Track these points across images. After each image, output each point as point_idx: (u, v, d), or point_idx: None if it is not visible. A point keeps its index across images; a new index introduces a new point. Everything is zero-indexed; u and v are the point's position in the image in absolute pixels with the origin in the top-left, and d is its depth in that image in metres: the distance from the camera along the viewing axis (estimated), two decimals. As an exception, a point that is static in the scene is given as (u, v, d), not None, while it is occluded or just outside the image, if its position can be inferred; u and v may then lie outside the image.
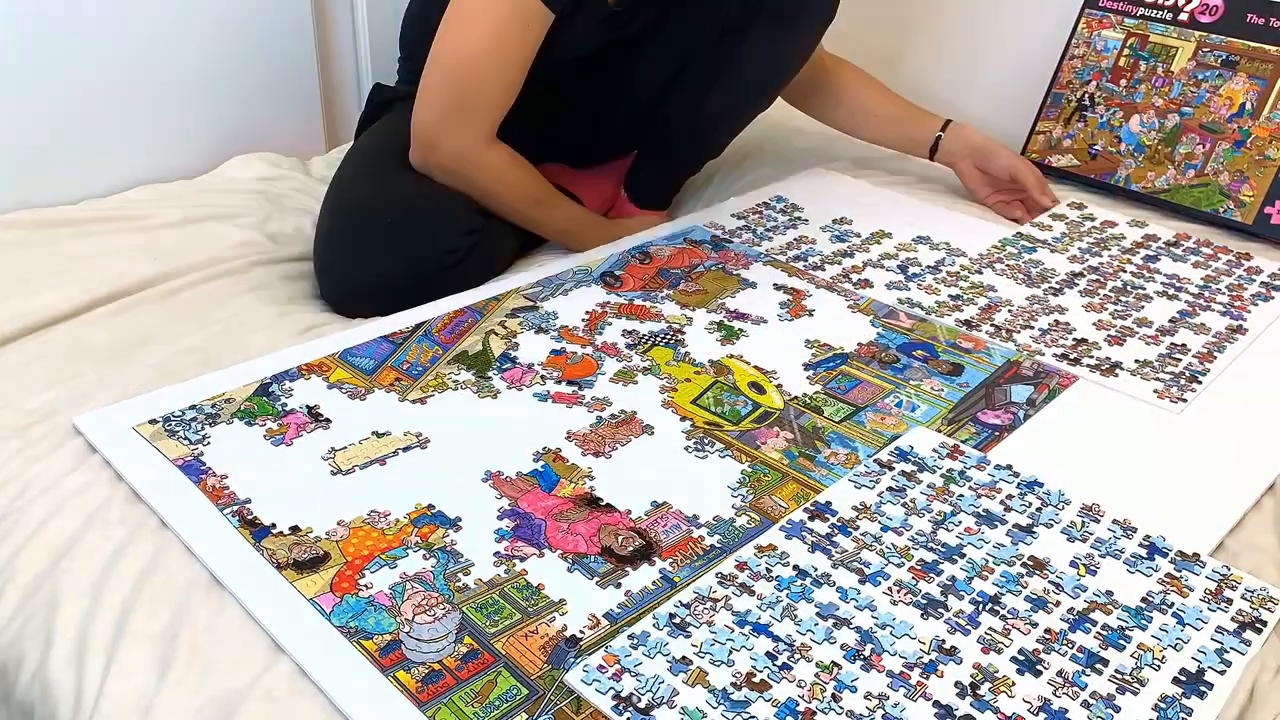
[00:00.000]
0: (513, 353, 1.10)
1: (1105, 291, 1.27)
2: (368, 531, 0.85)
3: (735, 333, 1.15)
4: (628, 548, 0.85)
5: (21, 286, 1.16)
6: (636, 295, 1.22)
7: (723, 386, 1.06)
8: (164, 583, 0.80)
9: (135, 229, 1.33)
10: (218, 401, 0.99)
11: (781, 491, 0.92)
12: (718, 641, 0.75)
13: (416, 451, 0.95)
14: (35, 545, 0.83)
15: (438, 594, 0.79)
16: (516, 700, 0.71)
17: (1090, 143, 1.58)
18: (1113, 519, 0.89)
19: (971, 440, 0.99)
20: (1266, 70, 1.46)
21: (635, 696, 0.71)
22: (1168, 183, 1.51)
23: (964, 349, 1.14)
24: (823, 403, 1.04)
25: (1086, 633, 0.78)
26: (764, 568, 0.82)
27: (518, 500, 0.89)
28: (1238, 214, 1.45)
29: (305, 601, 0.78)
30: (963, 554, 0.85)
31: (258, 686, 0.72)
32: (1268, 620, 0.80)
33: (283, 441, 0.95)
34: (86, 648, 0.75)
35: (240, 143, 1.57)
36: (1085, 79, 1.60)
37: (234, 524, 0.85)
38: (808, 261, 1.32)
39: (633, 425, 0.99)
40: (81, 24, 1.38)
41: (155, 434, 0.94)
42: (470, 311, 1.17)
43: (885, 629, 0.77)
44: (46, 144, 1.40)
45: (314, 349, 1.09)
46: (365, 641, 0.75)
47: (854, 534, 0.86)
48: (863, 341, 1.15)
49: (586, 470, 0.93)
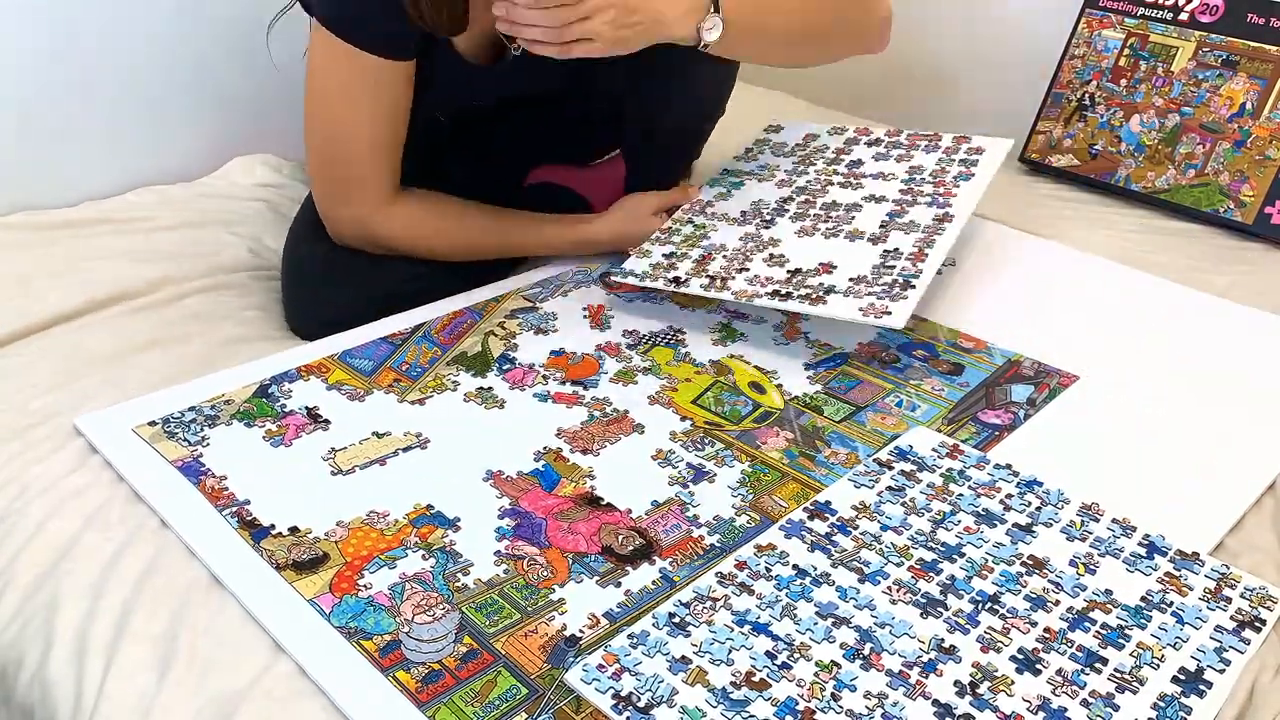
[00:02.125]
0: (512, 354, 1.10)
1: (815, 211, 1.22)
2: (367, 532, 0.85)
3: (734, 333, 1.15)
4: (628, 547, 0.85)
5: (22, 288, 1.16)
6: (636, 295, 1.22)
7: (723, 386, 1.06)
8: (164, 583, 0.80)
9: (135, 231, 1.33)
10: (217, 403, 0.99)
11: (782, 491, 0.92)
12: (717, 641, 0.75)
13: (416, 452, 0.95)
14: (35, 546, 0.83)
15: (437, 594, 0.79)
16: (516, 700, 0.71)
17: (1090, 143, 1.58)
18: (1112, 518, 0.89)
19: (972, 440, 0.99)
20: (1267, 70, 1.46)
21: (635, 696, 0.71)
22: (1168, 183, 1.51)
23: (964, 349, 1.14)
24: (823, 402, 1.04)
25: (1086, 632, 0.78)
26: (763, 567, 0.82)
27: (518, 500, 0.89)
28: (1238, 214, 1.45)
29: (305, 602, 0.78)
30: (962, 553, 0.85)
31: (258, 687, 0.72)
32: (1267, 619, 0.80)
33: (282, 442, 0.95)
34: (86, 648, 0.75)
35: (240, 144, 1.57)
36: (1085, 79, 1.60)
37: (233, 525, 0.85)
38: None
39: (623, 424, 0.99)
40: (81, 24, 1.38)
41: (155, 435, 0.94)
42: (469, 313, 1.17)
43: (885, 628, 0.77)
44: (46, 145, 1.40)
45: (313, 350, 1.09)
46: (365, 642, 0.75)
47: (853, 533, 0.86)
48: (863, 341, 1.15)
49: (587, 470, 0.93)
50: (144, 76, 1.46)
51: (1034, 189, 1.58)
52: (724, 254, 1.14)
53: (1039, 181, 1.61)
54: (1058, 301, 1.25)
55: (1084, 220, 1.47)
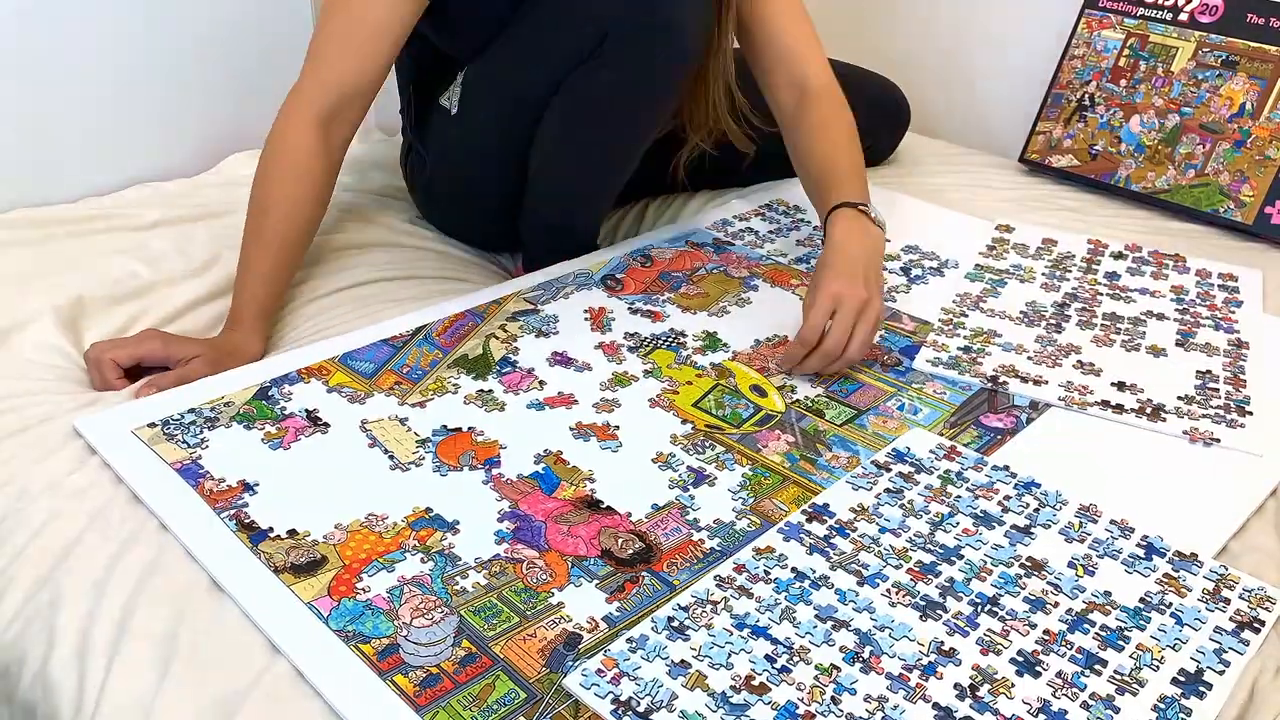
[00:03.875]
0: (513, 356, 1.10)
1: (1100, 321, 1.21)
2: (365, 535, 0.85)
3: (718, 343, 1.15)
4: (627, 550, 0.85)
5: (20, 285, 1.16)
6: (638, 298, 1.22)
7: (724, 390, 1.06)
8: (165, 583, 0.80)
9: (133, 228, 1.33)
10: (217, 405, 0.99)
11: (783, 495, 0.92)
12: (716, 644, 0.75)
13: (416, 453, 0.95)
14: (37, 546, 0.83)
15: (435, 597, 0.79)
16: (515, 704, 0.71)
17: (1090, 143, 1.58)
18: (1110, 519, 0.89)
19: (974, 444, 0.99)
20: (1266, 70, 1.46)
21: (634, 700, 0.71)
22: (1168, 183, 1.51)
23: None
24: (824, 406, 1.04)
25: (1085, 633, 0.78)
26: (762, 570, 0.82)
27: (518, 503, 0.89)
28: (1238, 214, 1.45)
29: (303, 605, 0.78)
30: (961, 555, 0.85)
31: (258, 687, 0.72)
32: (1266, 620, 0.80)
33: (280, 445, 0.95)
34: (88, 648, 0.75)
35: (239, 140, 1.57)
36: (1085, 79, 1.60)
37: (231, 527, 0.85)
38: (810, 264, 1.32)
39: (629, 427, 0.99)
40: (80, 22, 1.38)
41: (154, 438, 0.94)
42: (470, 315, 1.17)
43: (884, 631, 0.77)
44: (45, 143, 1.40)
45: (313, 352, 1.09)
46: (363, 645, 0.75)
47: (852, 536, 0.86)
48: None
49: (587, 473, 0.93)
50: (142, 74, 1.46)
51: (1034, 189, 1.58)
52: (1027, 355, 1.13)
53: (1039, 182, 1.61)
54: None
55: (1084, 220, 1.47)
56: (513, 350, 1.11)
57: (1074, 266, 1.33)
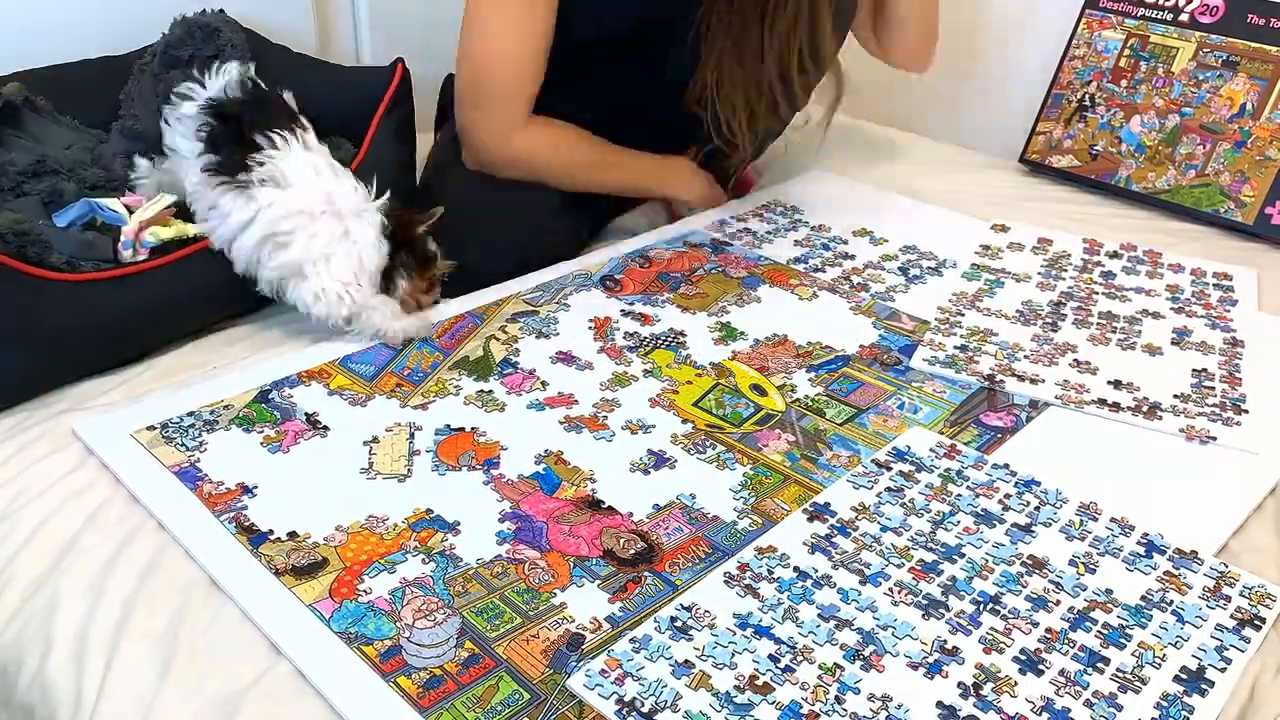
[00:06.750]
0: (514, 358, 1.10)
1: (1096, 320, 1.21)
2: (366, 536, 0.85)
3: (735, 334, 1.15)
4: (629, 550, 0.84)
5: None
6: (636, 299, 1.22)
7: (724, 389, 1.06)
8: (164, 583, 0.80)
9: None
10: (216, 408, 0.99)
11: (783, 494, 0.92)
12: (720, 644, 0.75)
13: (416, 454, 0.95)
14: (35, 546, 0.83)
15: (437, 599, 0.79)
16: (519, 705, 0.71)
17: (1091, 143, 1.58)
18: (1110, 517, 0.89)
19: (974, 442, 0.99)
20: (1267, 71, 1.46)
21: (638, 701, 0.71)
22: (1168, 183, 1.51)
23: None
24: (824, 405, 1.04)
25: (1087, 631, 0.78)
26: (765, 569, 0.82)
27: (519, 503, 0.89)
28: (1238, 214, 1.45)
29: (304, 607, 0.78)
30: (962, 554, 0.85)
31: (258, 687, 0.72)
32: (1266, 617, 0.80)
33: (280, 449, 0.95)
34: (86, 648, 0.75)
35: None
36: (1086, 79, 1.60)
37: (231, 530, 0.85)
38: (808, 264, 1.32)
39: (629, 427, 0.99)
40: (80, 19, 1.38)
41: (152, 440, 0.94)
42: (470, 317, 1.17)
43: (887, 630, 0.77)
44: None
45: (314, 355, 1.09)
46: (365, 647, 0.74)
47: (853, 535, 0.86)
48: (864, 343, 1.15)
49: (588, 473, 0.93)
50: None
51: (1034, 189, 1.58)
52: (1023, 354, 1.13)
53: (1039, 182, 1.61)
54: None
55: (1084, 221, 1.47)
56: (513, 351, 1.11)
57: (1070, 266, 1.33)
